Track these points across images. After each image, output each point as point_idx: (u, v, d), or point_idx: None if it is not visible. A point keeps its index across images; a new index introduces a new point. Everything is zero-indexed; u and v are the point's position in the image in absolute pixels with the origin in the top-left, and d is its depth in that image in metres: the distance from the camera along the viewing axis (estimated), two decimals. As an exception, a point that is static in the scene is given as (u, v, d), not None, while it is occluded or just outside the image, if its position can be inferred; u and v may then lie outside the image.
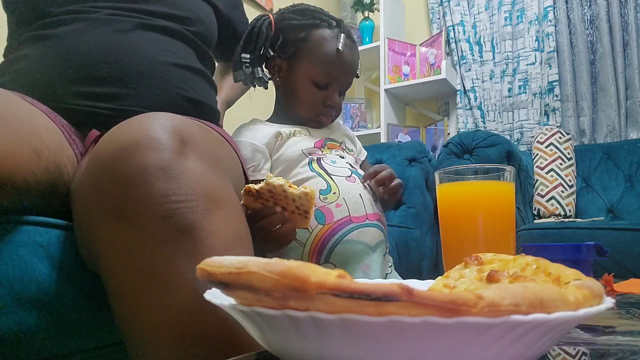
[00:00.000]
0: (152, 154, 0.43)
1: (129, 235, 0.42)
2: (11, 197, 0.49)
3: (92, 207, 0.45)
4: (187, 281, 0.41)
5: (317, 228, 0.76)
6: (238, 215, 0.50)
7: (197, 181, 0.44)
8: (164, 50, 0.71)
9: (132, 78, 0.66)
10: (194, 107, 0.74)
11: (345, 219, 0.77)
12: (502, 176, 0.59)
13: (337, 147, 0.88)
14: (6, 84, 0.64)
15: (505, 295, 0.20)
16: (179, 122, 0.49)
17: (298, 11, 0.87)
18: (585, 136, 2.18)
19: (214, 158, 0.51)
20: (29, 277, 0.47)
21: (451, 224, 0.61)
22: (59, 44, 0.66)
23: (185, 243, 0.42)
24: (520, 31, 2.35)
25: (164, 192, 0.42)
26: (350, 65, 0.85)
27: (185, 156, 0.45)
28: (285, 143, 0.83)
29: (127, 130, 0.46)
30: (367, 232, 0.79)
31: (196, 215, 0.43)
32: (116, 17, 0.68)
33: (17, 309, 0.46)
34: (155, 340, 0.42)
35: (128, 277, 0.43)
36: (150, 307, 0.42)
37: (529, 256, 0.32)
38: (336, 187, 0.79)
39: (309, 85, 0.84)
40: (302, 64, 0.84)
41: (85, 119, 0.64)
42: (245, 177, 0.73)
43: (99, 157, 0.45)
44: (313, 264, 0.21)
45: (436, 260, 1.66)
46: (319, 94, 0.84)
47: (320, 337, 0.21)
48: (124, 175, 0.42)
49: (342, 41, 0.82)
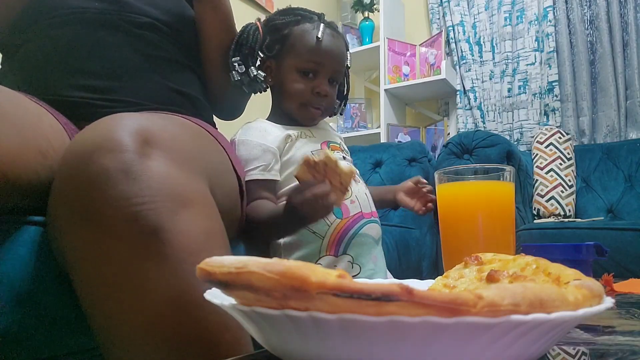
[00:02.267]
0: (113, 156, 0.42)
1: (95, 239, 0.41)
2: (14, 198, 0.49)
3: (59, 210, 0.44)
4: (157, 284, 0.40)
5: (336, 222, 0.81)
6: (210, 214, 0.49)
7: (161, 181, 0.43)
8: (152, 45, 0.74)
9: (123, 72, 0.70)
10: (184, 99, 0.76)
11: (358, 214, 0.84)
12: (502, 176, 0.59)
13: (338, 148, 0.92)
14: (5, 83, 0.66)
15: (505, 295, 0.20)
16: (146, 121, 0.48)
17: (281, 12, 0.92)
18: (585, 136, 2.18)
19: (185, 156, 0.50)
20: (28, 276, 0.47)
21: (451, 224, 0.61)
22: (53, 44, 0.69)
23: (152, 245, 0.41)
24: (520, 31, 2.35)
25: (126, 195, 0.41)
26: (333, 51, 0.87)
27: (147, 156, 0.44)
28: (295, 145, 0.85)
29: (90, 133, 0.45)
30: (373, 227, 0.86)
31: (161, 216, 0.42)
32: (105, 16, 0.71)
33: (16, 309, 0.46)
34: (129, 346, 0.41)
35: (96, 282, 0.42)
36: (121, 311, 0.41)
37: (529, 256, 0.32)
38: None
39: (296, 76, 0.86)
40: (288, 58, 0.87)
41: (81, 111, 0.65)
42: (236, 173, 0.72)
43: (65, 160, 0.45)
44: (313, 264, 0.21)
45: (436, 260, 1.66)
46: (307, 84, 0.86)
47: (320, 337, 0.21)
48: (86, 179, 0.42)
49: (321, 29, 0.86)
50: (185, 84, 0.78)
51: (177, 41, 0.79)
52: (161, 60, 0.74)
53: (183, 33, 0.80)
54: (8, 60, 0.74)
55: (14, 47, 0.72)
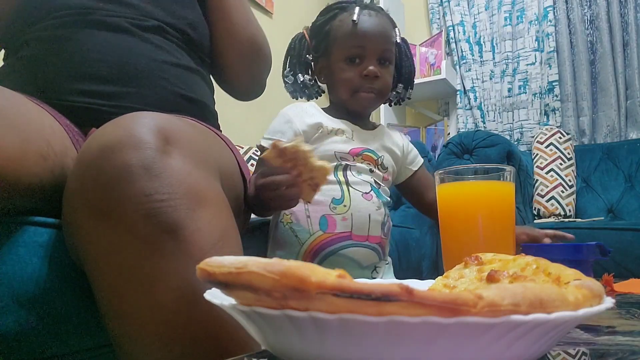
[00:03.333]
0: (134, 152, 0.43)
1: (113, 234, 0.42)
2: (14, 200, 0.49)
3: (76, 205, 0.44)
4: (173, 280, 0.41)
5: (317, 234, 0.78)
6: (225, 214, 0.49)
7: (181, 179, 0.44)
8: (160, 50, 0.72)
9: (131, 77, 0.68)
10: (191, 105, 0.75)
11: (346, 234, 0.80)
12: (502, 176, 0.59)
13: (372, 161, 0.87)
14: (7, 85, 0.65)
15: (505, 295, 0.20)
16: (165, 120, 0.48)
17: (321, 12, 0.92)
18: (585, 136, 2.18)
19: (201, 157, 0.51)
20: (28, 276, 0.47)
21: (451, 224, 0.61)
22: (58, 45, 0.67)
23: (169, 242, 0.41)
24: (520, 31, 2.35)
25: (146, 191, 0.42)
26: (372, 30, 0.85)
27: (168, 154, 0.45)
28: (324, 140, 0.84)
29: (111, 129, 0.45)
30: (361, 252, 0.81)
31: (179, 213, 0.42)
32: (113, 18, 0.70)
33: (16, 309, 0.46)
34: (141, 341, 0.41)
35: (113, 276, 0.42)
36: (135, 307, 0.41)
37: (529, 256, 0.32)
38: (349, 200, 0.81)
39: (344, 65, 0.85)
40: (333, 52, 0.87)
41: (86, 116, 0.65)
42: (243, 177, 0.73)
43: (83, 156, 0.45)
44: (313, 264, 0.21)
45: (436, 260, 1.66)
46: (355, 69, 0.84)
47: (320, 337, 0.21)
48: (106, 174, 0.42)
49: (356, 12, 0.85)
50: (193, 89, 0.76)
51: (185, 45, 0.78)
52: (169, 65, 0.73)
53: (191, 37, 0.79)
54: (11, 57, 0.72)
55: (17, 45, 0.71)
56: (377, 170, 0.88)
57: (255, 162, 1.83)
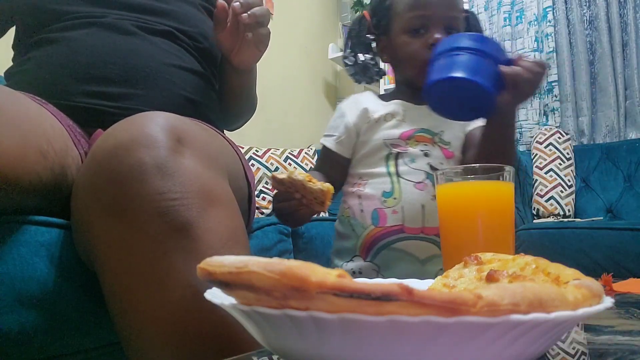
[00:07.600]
0: (148, 151, 0.43)
1: (125, 232, 0.42)
2: (14, 198, 0.49)
3: (88, 203, 0.45)
4: (183, 278, 0.41)
5: (370, 228, 0.77)
6: (234, 214, 0.50)
7: (193, 179, 0.44)
8: (168, 53, 0.73)
9: (138, 79, 0.68)
10: (197, 108, 0.75)
11: (398, 227, 0.76)
12: (502, 176, 0.59)
13: (427, 140, 0.80)
14: (14, 84, 0.65)
15: (505, 295, 0.20)
16: (177, 120, 0.49)
17: None
18: (584, 136, 2.18)
19: (212, 157, 0.52)
20: (29, 276, 0.47)
21: (450, 224, 0.61)
22: (67, 46, 0.67)
23: (181, 240, 0.42)
24: (520, 31, 2.35)
25: (159, 190, 0.42)
26: None
27: (181, 154, 0.45)
28: (373, 128, 0.81)
29: (125, 128, 0.46)
30: (416, 245, 0.76)
31: (191, 212, 0.43)
32: (124, 21, 0.70)
33: (18, 308, 0.46)
34: (151, 338, 0.42)
35: (123, 274, 0.43)
36: (145, 305, 0.42)
37: (528, 256, 0.32)
38: (399, 192, 0.77)
39: (407, 38, 0.79)
40: (394, 26, 0.81)
41: (91, 117, 0.65)
42: (247, 180, 0.73)
43: (96, 154, 0.46)
44: (313, 264, 0.21)
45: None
46: (419, 40, 0.78)
47: (320, 337, 0.21)
48: (120, 173, 0.42)
49: None
50: (200, 93, 0.77)
51: (194, 51, 0.78)
52: (176, 68, 0.73)
53: (202, 45, 0.79)
54: (20, 58, 0.72)
55: (26, 46, 0.71)
56: (436, 151, 0.80)
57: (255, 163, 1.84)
